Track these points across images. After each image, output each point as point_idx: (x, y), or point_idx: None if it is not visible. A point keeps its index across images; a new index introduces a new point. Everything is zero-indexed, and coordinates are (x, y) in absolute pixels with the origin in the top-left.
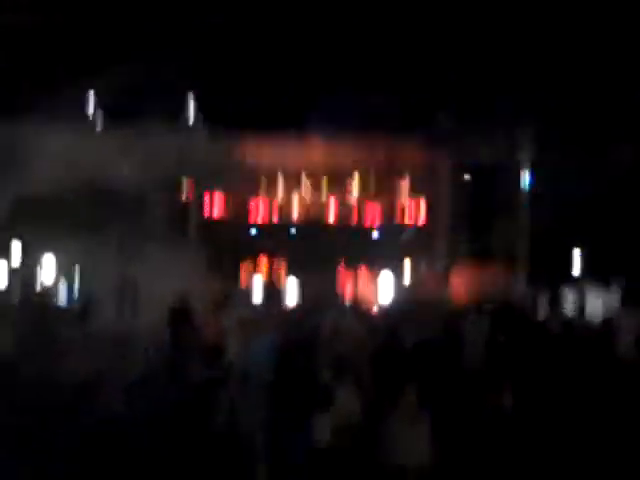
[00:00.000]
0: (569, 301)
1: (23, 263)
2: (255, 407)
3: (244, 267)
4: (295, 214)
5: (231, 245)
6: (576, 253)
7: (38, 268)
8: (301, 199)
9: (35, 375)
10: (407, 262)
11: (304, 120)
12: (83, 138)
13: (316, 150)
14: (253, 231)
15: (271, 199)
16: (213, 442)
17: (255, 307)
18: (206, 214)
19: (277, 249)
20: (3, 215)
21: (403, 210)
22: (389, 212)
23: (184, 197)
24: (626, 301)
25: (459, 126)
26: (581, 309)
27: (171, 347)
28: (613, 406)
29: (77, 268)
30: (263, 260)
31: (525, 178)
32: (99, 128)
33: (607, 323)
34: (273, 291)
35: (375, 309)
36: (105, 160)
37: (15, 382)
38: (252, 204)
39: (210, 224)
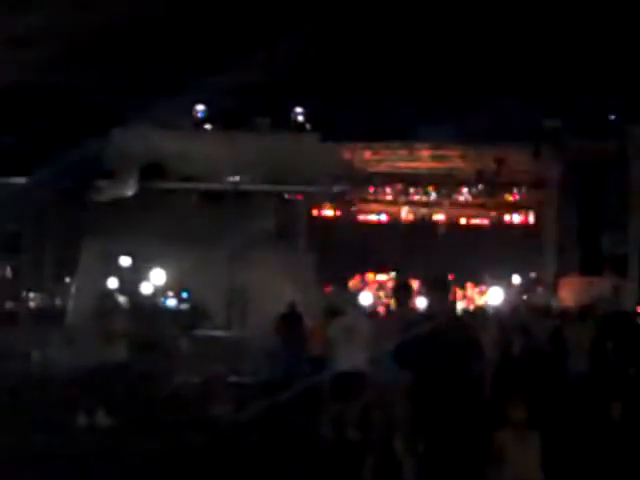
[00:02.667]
0: None
1: (133, 271)
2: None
3: (353, 269)
4: (405, 217)
5: (342, 248)
6: None
7: (147, 275)
8: (410, 202)
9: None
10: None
11: (415, 130)
12: (194, 145)
13: (425, 158)
14: (363, 233)
15: (380, 202)
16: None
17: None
18: (314, 217)
19: (387, 251)
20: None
21: (512, 217)
22: (499, 219)
23: (294, 201)
24: None
25: (567, 130)
26: None
27: (281, 353)
28: None
29: (186, 274)
30: (375, 263)
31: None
32: (210, 134)
33: None
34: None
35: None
36: (214, 166)
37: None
38: (362, 207)
39: (319, 227)
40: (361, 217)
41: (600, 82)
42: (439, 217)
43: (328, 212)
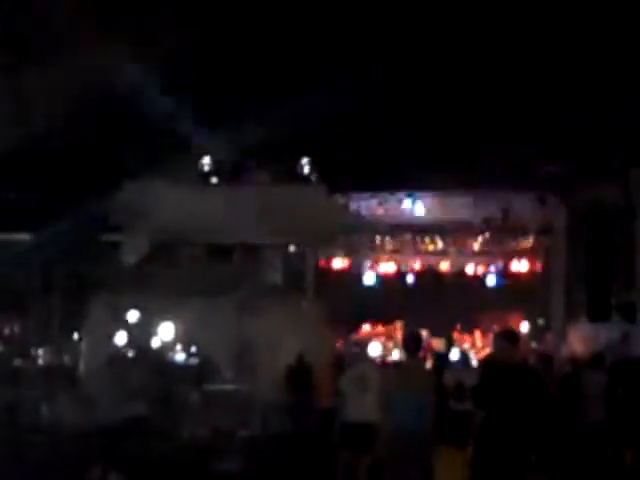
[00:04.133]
0: None
1: (140, 325)
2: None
3: (361, 320)
4: (412, 266)
5: (350, 298)
6: None
7: (156, 329)
8: (418, 251)
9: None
10: (522, 317)
11: (421, 179)
12: (199, 197)
13: (432, 207)
14: (371, 283)
15: (388, 252)
16: None
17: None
18: (322, 268)
19: (395, 301)
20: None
21: (520, 264)
22: (505, 267)
23: (302, 252)
24: None
25: (572, 174)
26: None
27: (290, 407)
28: None
29: (193, 327)
30: (383, 313)
31: None
32: (217, 187)
33: None
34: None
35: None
36: (221, 218)
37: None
38: (369, 257)
39: (327, 278)
40: (367, 267)
41: (605, 127)
42: (446, 266)
43: (336, 263)
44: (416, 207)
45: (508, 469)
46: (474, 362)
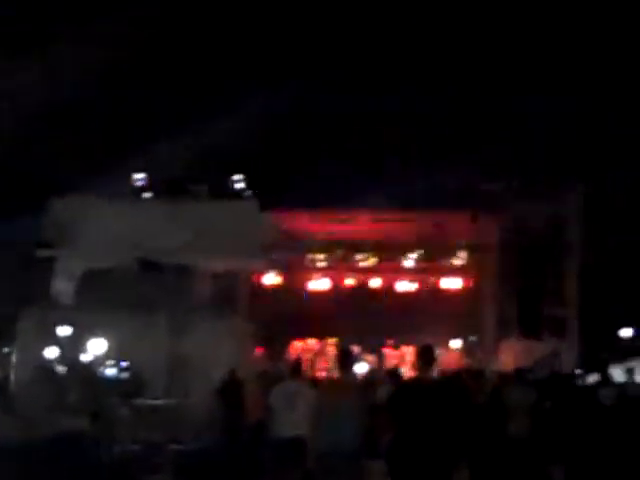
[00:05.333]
0: (619, 371)
1: (72, 340)
2: None
3: (293, 336)
4: (345, 283)
5: (282, 314)
6: (628, 324)
7: (87, 344)
8: (352, 269)
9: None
10: (455, 332)
11: (354, 196)
12: (131, 213)
13: (365, 224)
14: (303, 299)
15: (321, 268)
16: None
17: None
18: (255, 285)
19: (327, 317)
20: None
21: (452, 281)
22: (438, 284)
23: (232, 267)
24: None
25: (504, 192)
26: (631, 379)
27: (220, 421)
28: None
29: (125, 342)
30: (315, 329)
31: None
32: (147, 202)
33: None
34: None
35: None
36: (154, 233)
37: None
38: (301, 274)
39: (259, 294)
40: (301, 284)
41: (535, 147)
42: (379, 283)
43: (267, 279)
44: (350, 224)
45: None
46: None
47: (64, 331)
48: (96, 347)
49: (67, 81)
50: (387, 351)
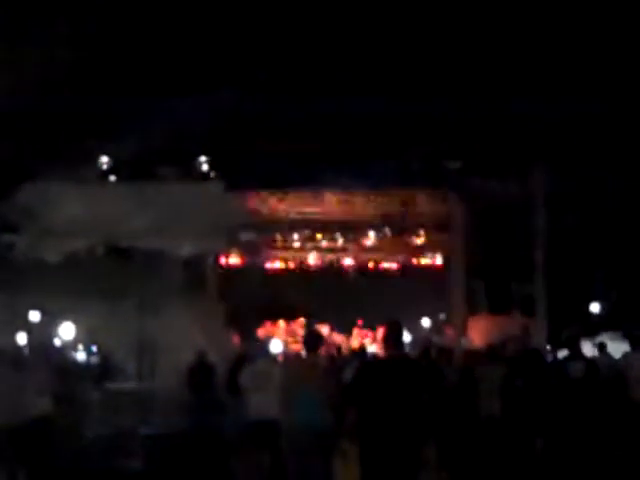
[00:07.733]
0: (588, 346)
1: (41, 325)
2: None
3: (264, 317)
4: (314, 263)
5: (251, 296)
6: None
7: (56, 329)
8: (320, 249)
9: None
10: (424, 311)
11: (321, 176)
12: (97, 197)
13: (331, 203)
14: (271, 280)
15: (288, 249)
16: None
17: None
18: (223, 266)
19: (297, 298)
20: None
21: (419, 259)
22: (406, 262)
23: (200, 250)
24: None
25: (469, 170)
26: (601, 354)
27: (191, 405)
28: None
29: (94, 326)
30: (284, 310)
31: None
32: (113, 185)
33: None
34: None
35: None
36: (121, 217)
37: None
38: (269, 254)
39: (228, 276)
40: (269, 264)
41: (504, 124)
42: (347, 262)
43: (235, 260)
44: (316, 204)
45: (394, 465)
46: None
47: (33, 316)
48: (65, 332)
49: (32, 64)
50: (357, 331)
